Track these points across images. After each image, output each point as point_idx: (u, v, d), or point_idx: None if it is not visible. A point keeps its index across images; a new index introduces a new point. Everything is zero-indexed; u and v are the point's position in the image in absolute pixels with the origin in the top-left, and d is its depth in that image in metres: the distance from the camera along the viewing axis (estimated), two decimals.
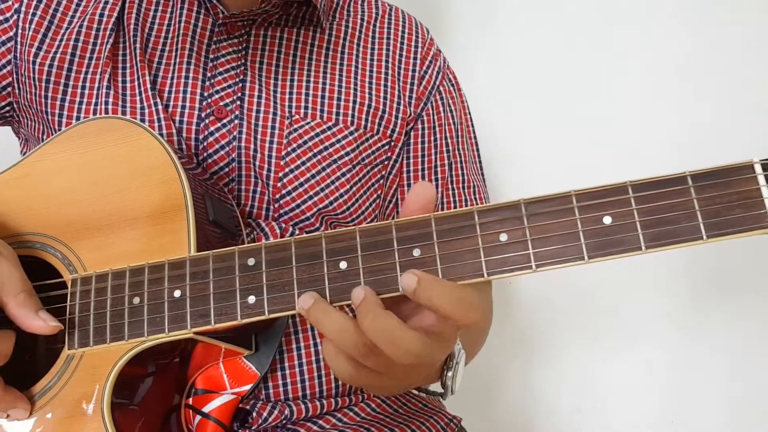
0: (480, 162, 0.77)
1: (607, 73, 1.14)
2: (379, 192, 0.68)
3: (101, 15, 0.64)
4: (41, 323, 0.47)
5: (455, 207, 0.72)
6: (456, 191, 0.72)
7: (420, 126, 0.71)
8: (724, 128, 1.09)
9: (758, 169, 0.40)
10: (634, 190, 0.41)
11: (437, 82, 0.72)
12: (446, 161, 0.72)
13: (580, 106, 1.14)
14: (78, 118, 0.62)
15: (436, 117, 0.72)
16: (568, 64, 1.15)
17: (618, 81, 1.14)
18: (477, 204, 0.73)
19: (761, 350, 1.10)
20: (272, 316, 0.46)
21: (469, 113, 0.78)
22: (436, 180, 0.71)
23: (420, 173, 0.71)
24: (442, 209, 0.71)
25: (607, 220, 0.41)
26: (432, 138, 0.71)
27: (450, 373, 0.55)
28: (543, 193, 0.43)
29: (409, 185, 0.71)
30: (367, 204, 0.67)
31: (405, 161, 0.71)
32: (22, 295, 0.47)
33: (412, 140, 0.71)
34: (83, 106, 0.62)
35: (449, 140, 0.72)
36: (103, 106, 0.62)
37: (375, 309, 0.41)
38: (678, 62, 1.12)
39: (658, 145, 1.10)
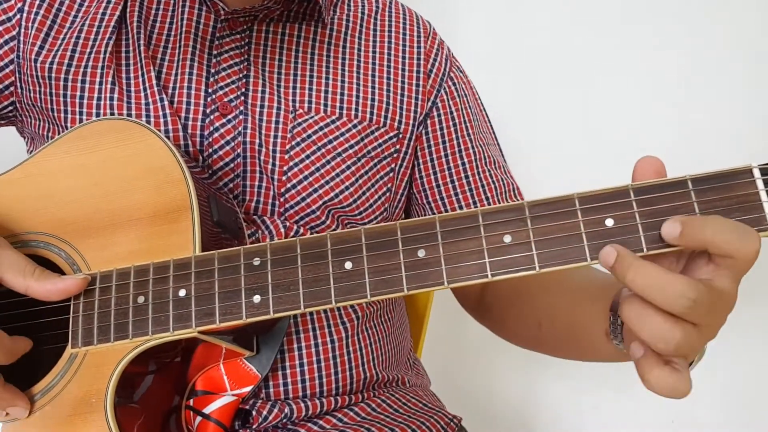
0: (498, 145, 0.77)
1: (610, 76, 1.15)
2: (389, 185, 0.68)
3: (103, 14, 0.64)
4: (71, 280, 0.49)
5: (494, 186, 0.71)
6: (492, 172, 0.72)
7: (435, 113, 0.71)
8: (725, 131, 1.11)
9: (757, 173, 0.41)
10: (635, 193, 0.42)
11: (447, 70, 0.73)
12: (470, 144, 0.72)
13: (584, 109, 1.15)
14: (81, 113, 0.62)
15: (451, 103, 0.72)
16: (571, 67, 1.16)
17: (622, 83, 1.15)
18: (512, 184, 0.73)
19: (760, 350, 1.11)
20: (277, 315, 0.46)
21: (480, 100, 0.78)
22: (463, 163, 0.71)
23: (444, 159, 0.71)
24: (482, 191, 0.71)
25: (609, 222, 0.42)
26: (450, 123, 0.71)
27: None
28: (546, 195, 0.44)
29: (434, 172, 0.71)
30: (376, 197, 0.67)
31: (427, 150, 0.71)
32: (37, 271, 0.48)
33: (429, 128, 0.71)
34: (85, 101, 0.62)
35: (468, 124, 0.72)
36: (107, 102, 0.62)
37: (634, 260, 0.39)
38: (683, 66, 1.14)
39: (661, 147, 1.11)
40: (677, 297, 0.38)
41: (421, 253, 0.44)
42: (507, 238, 0.43)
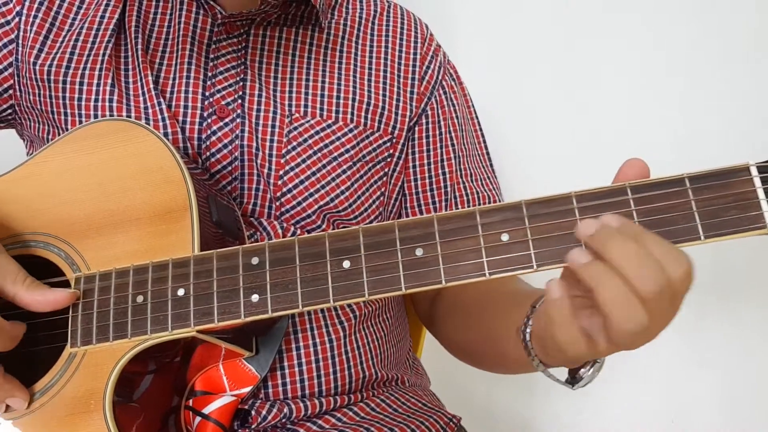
0: (488, 154, 0.78)
1: (608, 74, 1.15)
2: (382, 189, 0.69)
3: (102, 17, 0.64)
4: (61, 293, 0.49)
5: (467, 199, 0.72)
6: (466, 184, 0.73)
7: (424, 121, 0.71)
8: (723, 130, 1.11)
9: (754, 171, 0.41)
10: (633, 191, 0.42)
11: (439, 77, 0.73)
12: (452, 155, 0.72)
13: (583, 109, 1.15)
14: (80, 115, 0.62)
15: (440, 112, 0.72)
16: (568, 65, 1.16)
17: (620, 82, 1.15)
18: (488, 195, 0.74)
19: (759, 350, 1.11)
20: (276, 314, 0.46)
21: (473, 106, 0.78)
22: (443, 174, 0.72)
23: (426, 167, 0.71)
24: (454, 202, 0.72)
25: None
26: (437, 132, 0.72)
27: (591, 369, 0.51)
28: (544, 193, 0.44)
29: (416, 180, 0.71)
30: (370, 201, 0.67)
31: (410, 156, 0.71)
32: (28, 280, 0.48)
33: (416, 135, 0.71)
34: (83, 103, 0.62)
35: (453, 134, 0.73)
36: (107, 104, 0.62)
37: (617, 232, 0.39)
38: (681, 66, 1.14)
39: (660, 147, 1.11)
40: (656, 271, 0.38)
41: (419, 252, 0.44)
42: (504, 237, 0.43)
